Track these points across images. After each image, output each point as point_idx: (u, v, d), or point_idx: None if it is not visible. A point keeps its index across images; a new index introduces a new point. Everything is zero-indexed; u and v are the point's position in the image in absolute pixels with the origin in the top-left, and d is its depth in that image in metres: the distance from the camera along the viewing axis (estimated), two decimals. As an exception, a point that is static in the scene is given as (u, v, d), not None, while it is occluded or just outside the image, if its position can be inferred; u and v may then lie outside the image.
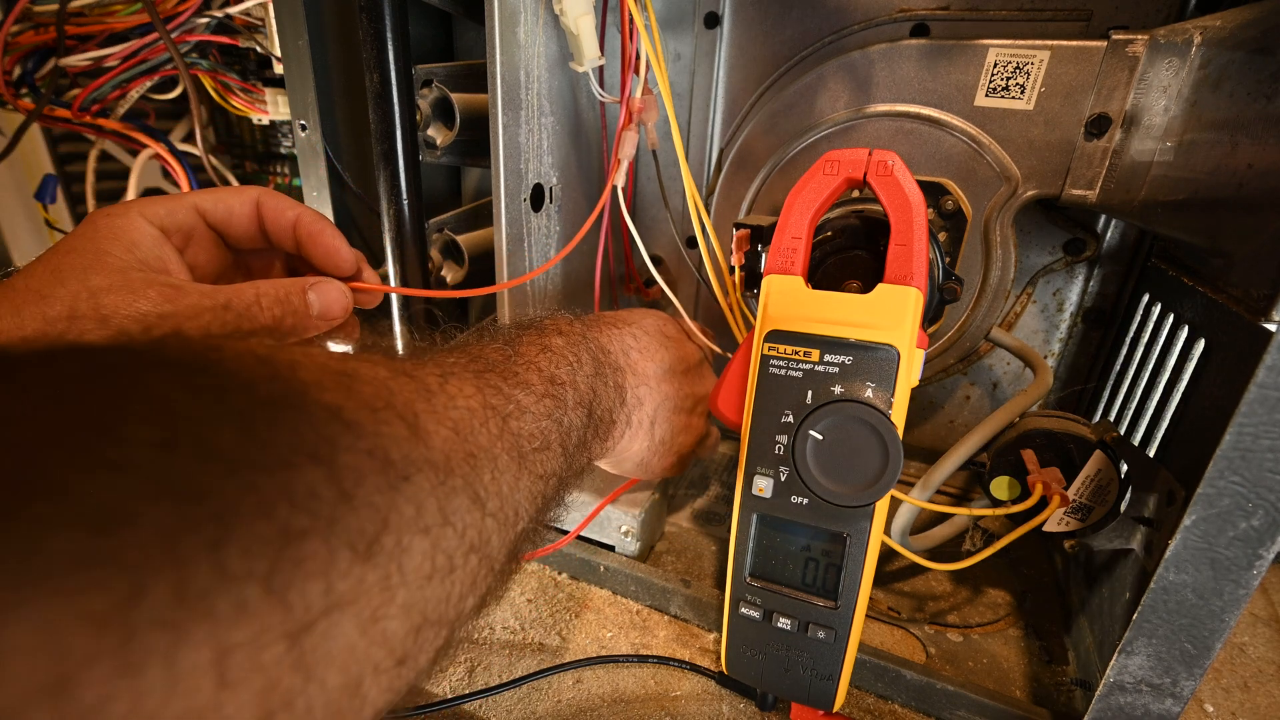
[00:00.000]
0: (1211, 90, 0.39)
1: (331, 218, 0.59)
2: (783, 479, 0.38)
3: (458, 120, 0.53)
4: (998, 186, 0.49)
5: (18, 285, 0.24)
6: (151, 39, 0.61)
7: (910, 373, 0.35)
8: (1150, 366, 0.47)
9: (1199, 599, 0.33)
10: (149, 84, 0.65)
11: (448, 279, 0.61)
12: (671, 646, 0.48)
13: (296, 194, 0.70)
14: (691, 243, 0.66)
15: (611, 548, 0.54)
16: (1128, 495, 0.41)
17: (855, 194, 0.46)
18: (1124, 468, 0.41)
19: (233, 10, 0.59)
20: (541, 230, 0.54)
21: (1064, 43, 0.45)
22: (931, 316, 0.43)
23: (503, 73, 0.45)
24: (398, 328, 0.61)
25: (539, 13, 0.47)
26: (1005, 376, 0.63)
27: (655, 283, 0.57)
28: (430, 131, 0.54)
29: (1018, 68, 0.46)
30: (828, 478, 0.36)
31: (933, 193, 0.50)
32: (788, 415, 0.37)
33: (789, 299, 0.37)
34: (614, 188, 0.51)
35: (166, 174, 0.75)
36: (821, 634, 0.39)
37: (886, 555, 0.56)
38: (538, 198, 0.52)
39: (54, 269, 0.25)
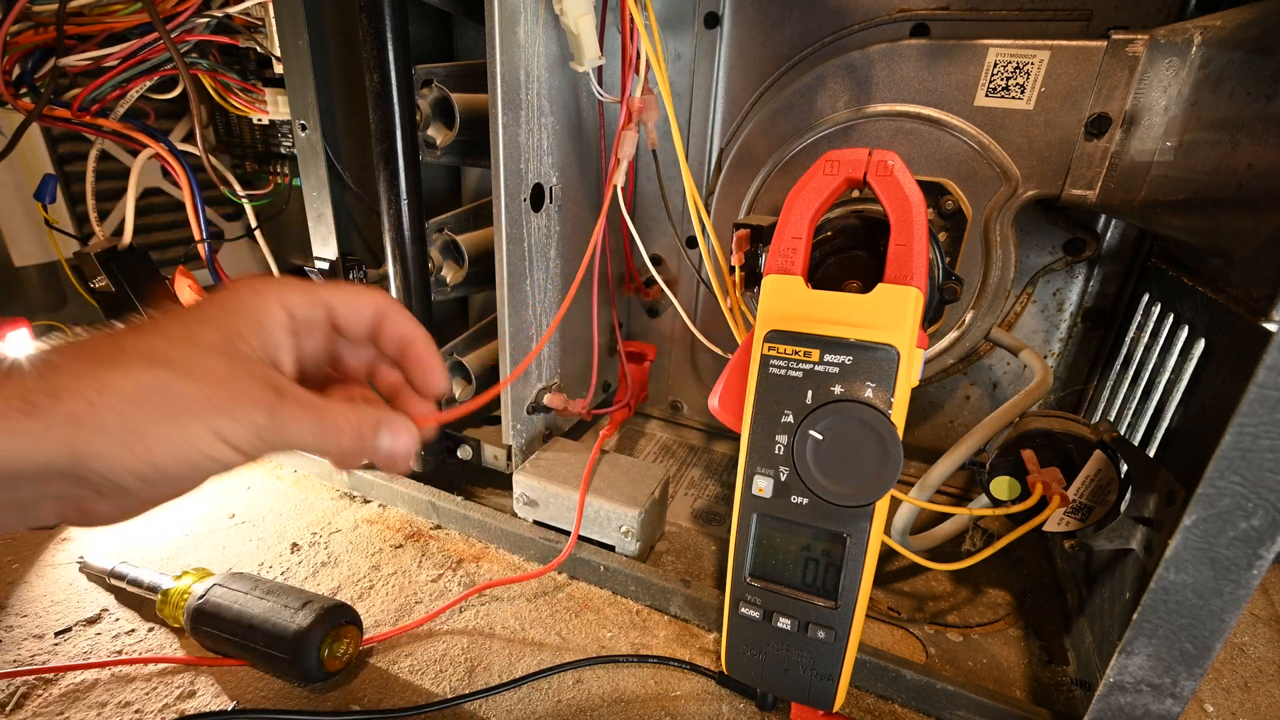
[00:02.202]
0: (1211, 90, 0.39)
1: (332, 218, 0.59)
2: (783, 479, 0.38)
3: (458, 120, 0.53)
4: (998, 186, 0.49)
5: (129, 342, 0.25)
6: (151, 39, 0.61)
7: (910, 373, 0.35)
8: (1150, 367, 0.47)
9: (1199, 599, 0.33)
10: (149, 84, 0.65)
11: (447, 279, 0.61)
12: (671, 646, 0.48)
13: (297, 194, 0.70)
14: (691, 243, 0.66)
15: (611, 548, 0.54)
16: (1128, 495, 0.41)
17: (855, 194, 0.46)
18: (1124, 468, 0.41)
19: (233, 10, 0.59)
20: (541, 230, 0.54)
21: (1064, 43, 0.45)
22: (931, 316, 0.43)
23: (503, 73, 0.45)
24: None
25: (539, 13, 0.47)
26: (1005, 376, 0.63)
27: (655, 282, 0.57)
28: (430, 131, 0.54)
29: (1018, 68, 0.46)
30: (828, 478, 0.36)
31: (933, 193, 0.50)
32: (788, 415, 0.37)
33: (789, 299, 0.37)
34: (614, 187, 0.51)
35: (166, 174, 0.75)
36: (821, 634, 0.39)
37: (886, 555, 0.56)
38: (538, 197, 0.52)
39: (189, 337, 0.26)
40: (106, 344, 0.25)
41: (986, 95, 0.48)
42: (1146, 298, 0.51)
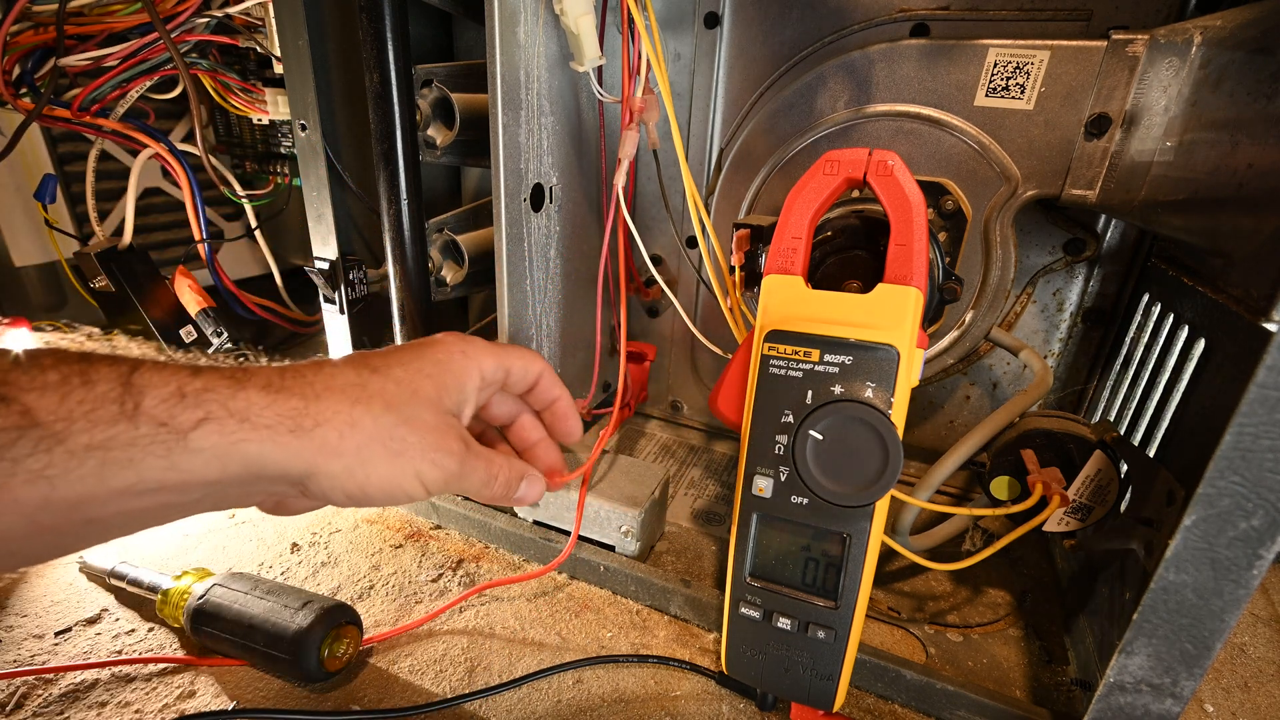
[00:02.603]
0: (1211, 90, 0.39)
1: (331, 218, 0.59)
2: (783, 479, 0.38)
3: (458, 120, 0.53)
4: (998, 186, 0.49)
5: (372, 384, 0.31)
6: (151, 39, 0.61)
7: (910, 373, 0.35)
8: (1150, 366, 0.47)
9: (1199, 599, 0.33)
10: (149, 84, 0.65)
11: (447, 279, 0.61)
12: (671, 646, 0.48)
13: (297, 194, 0.70)
14: (691, 243, 0.66)
15: (611, 548, 0.54)
16: (1128, 495, 0.41)
17: (855, 194, 0.46)
18: (1124, 468, 0.41)
19: (233, 10, 0.59)
20: (541, 230, 0.54)
21: (1064, 43, 0.45)
22: (931, 316, 0.43)
23: (503, 73, 0.45)
24: (397, 327, 0.61)
25: (539, 13, 0.47)
26: (1005, 376, 0.63)
27: (655, 282, 0.57)
28: (430, 131, 0.54)
29: (1018, 68, 0.46)
30: (828, 478, 0.36)
31: (933, 193, 0.50)
32: (788, 415, 0.37)
33: (789, 299, 0.37)
34: (615, 188, 0.51)
35: (166, 174, 0.75)
36: (821, 634, 0.39)
37: (886, 555, 0.56)
38: (538, 198, 0.52)
39: (413, 389, 0.32)
40: (358, 382, 0.30)
41: (986, 95, 0.48)
42: (1146, 298, 0.52)
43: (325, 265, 0.61)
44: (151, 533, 0.57)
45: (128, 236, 0.68)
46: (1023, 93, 0.46)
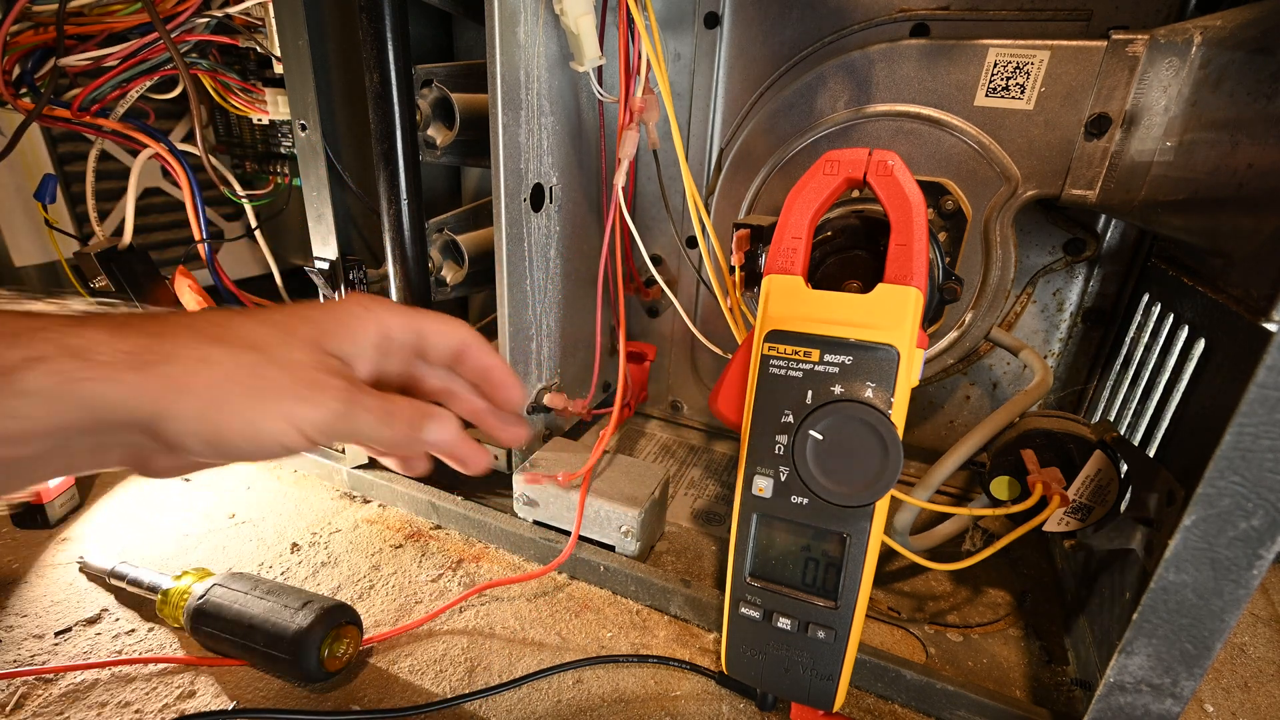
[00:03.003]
0: (1211, 90, 0.39)
1: (331, 218, 0.59)
2: (783, 479, 0.38)
3: (458, 120, 0.53)
4: (998, 186, 0.49)
5: (235, 323, 0.28)
6: (151, 39, 0.61)
7: (910, 373, 0.35)
8: (1150, 366, 0.47)
9: (1199, 599, 0.33)
10: (149, 84, 0.65)
11: (447, 279, 0.61)
12: (671, 646, 0.48)
13: (297, 194, 0.70)
14: (691, 243, 0.66)
15: (611, 548, 0.54)
16: (1128, 495, 0.41)
17: (855, 194, 0.46)
18: (1124, 468, 0.41)
19: (233, 10, 0.59)
20: (541, 230, 0.54)
21: (1064, 43, 0.45)
22: (931, 316, 0.43)
23: (503, 73, 0.45)
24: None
25: (539, 13, 0.47)
26: (1005, 376, 0.63)
27: (655, 282, 0.57)
28: (430, 131, 0.54)
29: (1018, 68, 0.46)
30: (828, 478, 0.36)
31: (933, 193, 0.50)
32: (788, 415, 0.37)
33: (789, 299, 0.37)
34: (615, 188, 0.51)
35: (166, 174, 0.75)
36: (821, 634, 0.39)
37: (886, 555, 0.56)
38: (538, 198, 0.52)
39: (286, 328, 0.29)
40: (218, 322, 0.27)
41: (986, 95, 0.48)
42: (1146, 298, 0.52)
43: (325, 265, 0.61)
44: (152, 532, 0.57)
45: (128, 236, 0.68)
46: (1023, 93, 0.46)
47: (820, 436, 0.36)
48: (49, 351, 0.23)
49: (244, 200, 0.74)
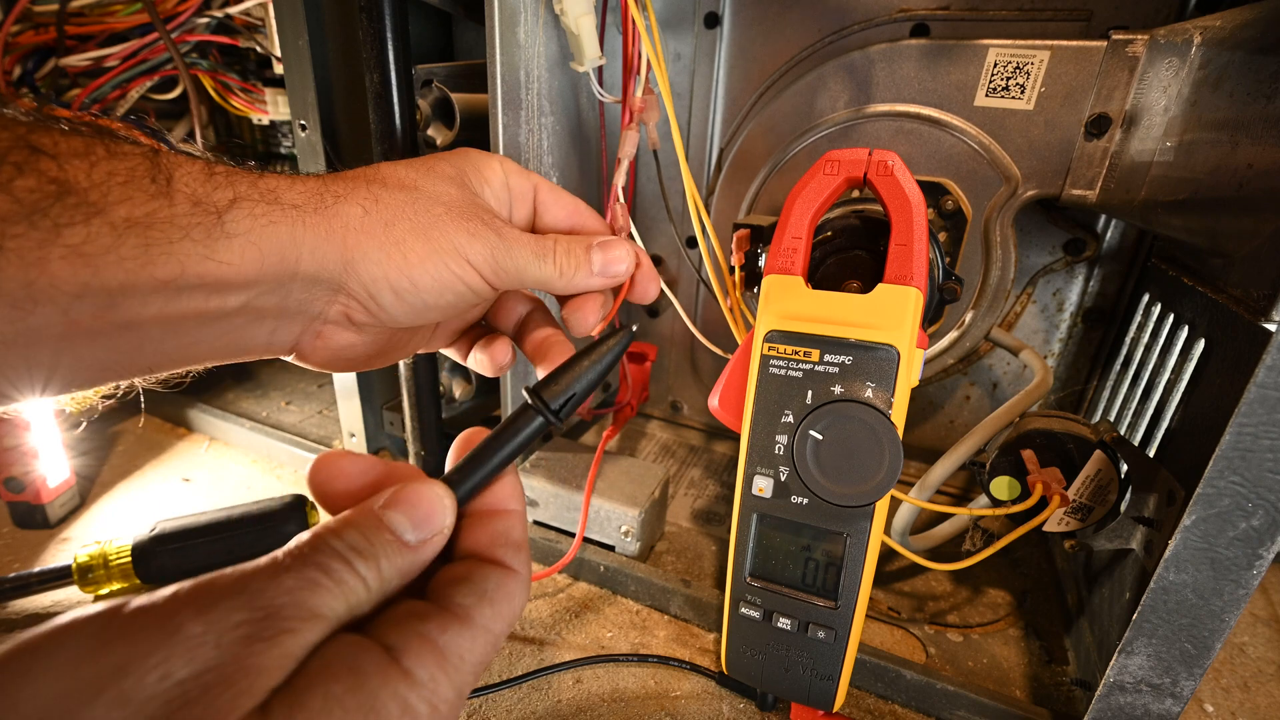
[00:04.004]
0: (1211, 90, 0.39)
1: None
2: (783, 479, 0.38)
3: (458, 120, 0.53)
4: (998, 186, 0.49)
5: (383, 168, 0.28)
6: (151, 39, 0.61)
7: (910, 373, 0.35)
8: (1150, 367, 0.47)
9: (1199, 599, 0.33)
10: (149, 84, 0.65)
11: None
12: (671, 646, 0.48)
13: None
14: (691, 243, 0.66)
15: (611, 548, 0.54)
16: (1128, 495, 0.41)
17: (855, 194, 0.46)
18: (1124, 468, 0.41)
19: (233, 10, 0.59)
20: (541, 230, 0.54)
21: (1064, 43, 0.45)
22: (931, 316, 0.43)
23: (503, 73, 0.45)
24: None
25: (539, 13, 0.47)
26: (1005, 376, 0.63)
27: (655, 283, 0.57)
28: (430, 131, 0.54)
29: (1018, 68, 0.46)
30: (828, 478, 0.36)
31: (933, 193, 0.50)
32: (788, 415, 0.37)
33: (789, 299, 0.37)
34: (615, 187, 0.51)
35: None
36: (821, 634, 0.39)
37: (886, 555, 0.56)
38: (538, 198, 0.52)
39: (429, 168, 0.29)
40: (368, 170, 0.28)
41: (986, 95, 0.48)
42: (1146, 298, 0.52)
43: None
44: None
45: (128, 236, 0.68)
46: (1023, 93, 0.46)
47: (820, 436, 0.36)
48: (246, 192, 0.23)
49: (244, 200, 0.74)
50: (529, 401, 0.25)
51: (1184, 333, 0.43)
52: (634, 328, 0.31)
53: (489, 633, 0.20)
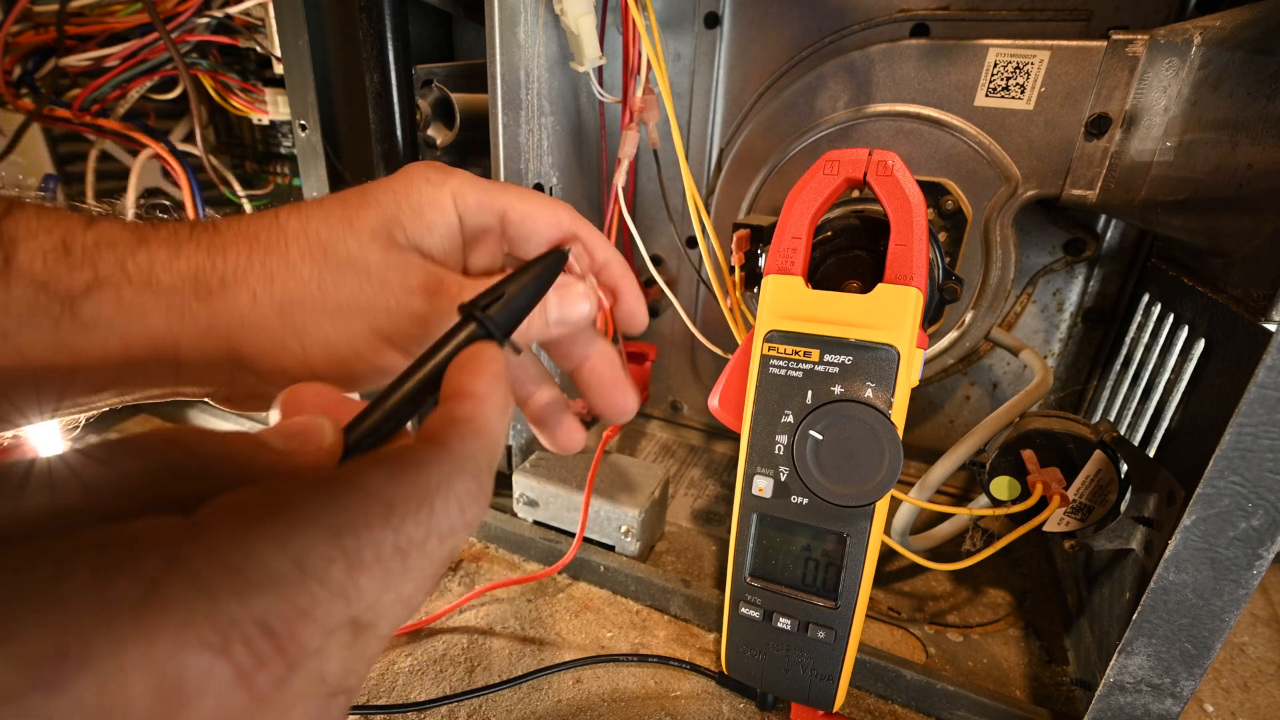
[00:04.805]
0: (1211, 90, 0.39)
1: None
2: (783, 479, 0.38)
3: (458, 120, 0.53)
4: (998, 186, 0.49)
5: (291, 224, 0.23)
6: (151, 39, 0.61)
7: (910, 373, 0.35)
8: (1150, 367, 0.47)
9: (1199, 599, 0.33)
10: (149, 84, 0.65)
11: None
12: (671, 646, 0.48)
13: (297, 194, 0.70)
14: (691, 243, 0.66)
15: (611, 548, 0.54)
16: (1128, 495, 0.41)
17: (855, 194, 0.46)
18: (1124, 468, 0.41)
19: (233, 10, 0.59)
20: (541, 230, 0.54)
21: (1064, 43, 0.45)
22: (931, 316, 0.43)
23: (503, 73, 0.45)
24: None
25: (539, 13, 0.47)
26: (1005, 376, 0.63)
27: (655, 282, 0.57)
28: (430, 131, 0.54)
29: (1018, 68, 0.46)
30: (828, 478, 0.36)
31: (933, 193, 0.50)
32: (788, 415, 0.37)
33: (789, 299, 0.37)
34: (615, 187, 0.51)
35: (166, 174, 0.75)
36: (821, 634, 0.39)
37: (886, 555, 0.56)
38: (538, 198, 0.52)
39: (348, 222, 0.23)
40: (271, 226, 0.23)
41: (986, 95, 0.48)
42: (1146, 298, 0.51)
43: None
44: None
45: (128, 236, 0.68)
46: (1023, 93, 0.46)
47: (820, 436, 0.36)
48: (110, 274, 0.20)
49: (244, 200, 0.74)
50: (461, 316, 0.21)
51: (1184, 333, 0.43)
52: (567, 249, 0.25)
53: (365, 492, 0.15)
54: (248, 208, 0.74)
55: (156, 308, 0.20)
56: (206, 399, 0.24)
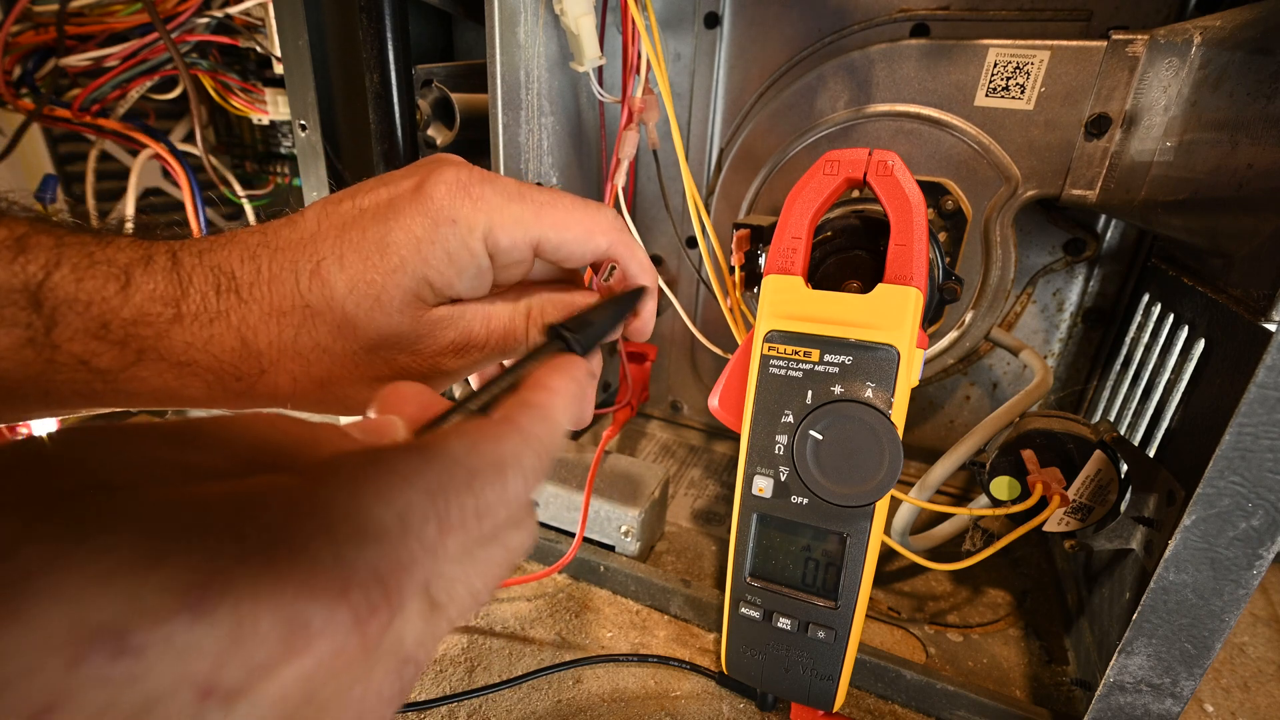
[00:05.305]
0: (1211, 90, 0.39)
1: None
2: (783, 479, 0.38)
3: (458, 120, 0.53)
4: (998, 186, 0.49)
5: (313, 295, 0.22)
6: (151, 39, 0.61)
7: (910, 373, 0.35)
8: (1150, 367, 0.47)
9: (1199, 599, 0.33)
10: (149, 84, 0.65)
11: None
12: (671, 646, 0.48)
13: (297, 194, 0.70)
14: (691, 243, 0.66)
15: (611, 548, 0.54)
16: (1128, 495, 0.41)
17: (855, 194, 0.46)
18: (1124, 468, 0.41)
19: (233, 10, 0.59)
20: (541, 230, 0.54)
21: (1064, 43, 0.45)
22: (931, 316, 0.43)
23: (503, 73, 0.45)
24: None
25: (539, 13, 0.47)
26: (1005, 376, 0.63)
27: (655, 283, 0.57)
28: (430, 131, 0.54)
29: (1018, 68, 0.46)
30: (828, 478, 0.36)
31: (933, 193, 0.50)
32: (788, 415, 0.37)
33: (789, 299, 0.37)
34: (615, 188, 0.51)
35: (166, 174, 0.75)
36: (821, 634, 0.39)
37: (886, 555, 0.56)
38: (538, 198, 0.52)
39: (369, 294, 0.23)
40: (293, 298, 0.22)
41: (986, 95, 0.48)
42: (1146, 298, 0.51)
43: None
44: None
45: (128, 236, 0.68)
46: (1023, 93, 0.46)
47: (820, 436, 0.36)
48: (149, 353, 0.20)
49: (244, 200, 0.74)
50: (552, 334, 0.23)
51: (1184, 333, 0.43)
52: (644, 285, 0.28)
53: (451, 458, 0.16)
54: (248, 208, 0.74)
55: (196, 384, 0.21)
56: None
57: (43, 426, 0.57)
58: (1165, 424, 0.42)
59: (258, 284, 0.22)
